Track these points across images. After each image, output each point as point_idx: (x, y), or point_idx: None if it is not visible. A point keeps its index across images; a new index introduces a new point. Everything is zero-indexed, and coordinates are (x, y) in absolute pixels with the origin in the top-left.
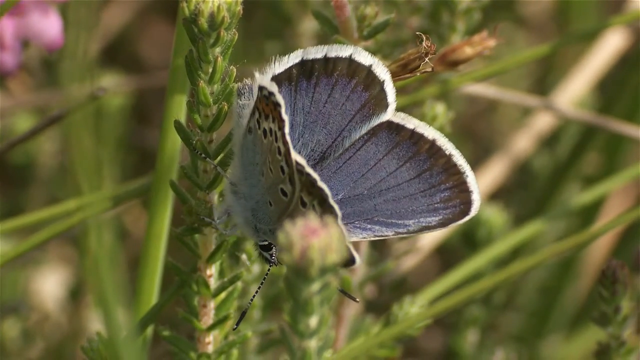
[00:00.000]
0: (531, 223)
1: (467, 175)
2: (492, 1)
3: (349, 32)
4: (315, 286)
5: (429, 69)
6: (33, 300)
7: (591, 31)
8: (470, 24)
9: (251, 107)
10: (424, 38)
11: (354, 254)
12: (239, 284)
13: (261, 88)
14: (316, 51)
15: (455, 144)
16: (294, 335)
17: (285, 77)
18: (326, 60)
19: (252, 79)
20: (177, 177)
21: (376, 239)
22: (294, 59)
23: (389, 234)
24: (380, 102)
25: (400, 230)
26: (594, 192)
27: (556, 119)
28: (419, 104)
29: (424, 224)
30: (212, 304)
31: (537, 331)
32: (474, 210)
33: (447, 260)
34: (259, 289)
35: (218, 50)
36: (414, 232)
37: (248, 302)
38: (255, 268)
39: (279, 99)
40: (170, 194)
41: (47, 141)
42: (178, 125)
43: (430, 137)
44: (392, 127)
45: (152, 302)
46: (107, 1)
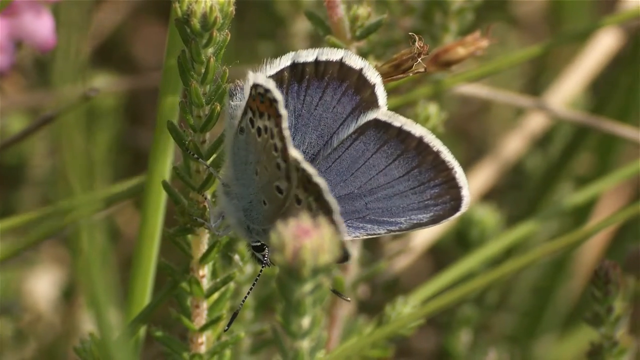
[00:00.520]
0: (524, 223)
1: (455, 172)
2: (484, 1)
3: (341, 33)
4: (308, 287)
5: (422, 70)
6: (26, 300)
7: (584, 31)
8: (463, 25)
9: (242, 107)
10: (416, 38)
11: (349, 249)
12: (231, 284)
13: (256, 86)
14: (307, 54)
15: (448, 144)
16: (286, 335)
17: (277, 80)
18: (317, 63)
19: (245, 78)
20: (169, 177)
21: (369, 237)
22: (285, 61)
23: (381, 232)
24: (371, 105)
25: (392, 228)
26: (587, 193)
27: (549, 119)
28: (411, 104)
29: (415, 221)
30: (205, 304)
31: (529, 331)
32: (464, 206)
33: (440, 260)
34: (250, 289)
35: (210, 50)
36: (405, 229)
37: (240, 303)
38: (247, 268)
39: (277, 94)
40: (163, 194)
41: (40, 142)
42: (171, 126)
43: (418, 135)
44: (379, 125)
45: (145, 302)
46: (99, 2)
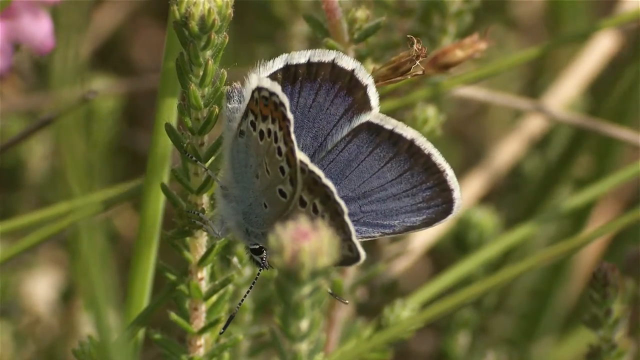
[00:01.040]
0: (522, 226)
1: (447, 174)
2: (482, 4)
3: (339, 35)
4: (306, 289)
5: (420, 72)
6: (24, 303)
7: (582, 33)
8: (461, 27)
9: (242, 110)
10: (414, 41)
11: (360, 250)
12: (230, 287)
13: (259, 89)
14: (299, 56)
15: (446, 146)
16: (284, 338)
17: None
18: (309, 65)
19: (245, 81)
20: (168, 180)
21: (363, 240)
22: (278, 63)
23: (376, 235)
24: (364, 106)
25: (386, 231)
26: (585, 195)
27: (547, 121)
28: (409, 106)
29: (408, 224)
30: (204, 307)
31: (528, 334)
32: (455, 208)
33: (439, 263)
34: (248, 292)
35: (209, 53)
36: (399, 232)
37: (237, 306)
38: (246, 271)
39: (283, 98)
40: (161, 196)
41: (38, 144)
42: (169, 128)
43: (409, 137)
44: (371, 128)
45: (143, 305)
46: (97, 4)
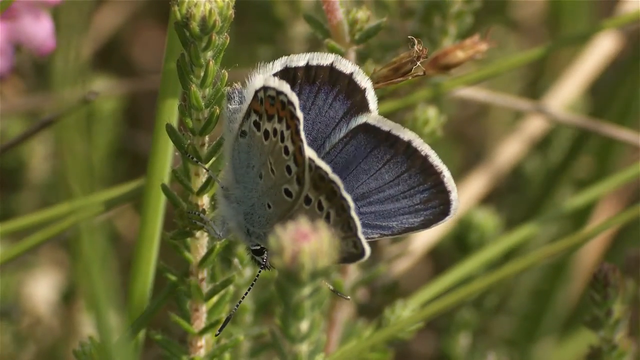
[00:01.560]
0: (523, 227)
1: (444, 176)
2: (483, 5)
3: (340, 36)
4: (306, 290)
5: (421, 73)
6: (25, 303)
7: (583, 34)
8: (462, 28)
9: (244, 110)
10: (415, 42)
11: (365, 246)
12: (231, 287)
13: (266, 89)
14: (298, 59)
15: (447, 147)
16: (285, 339)
17: None
18: (308, 68)
19: (245, 82)
20: (169, 180)
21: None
22: (277, 66)
23: (374, 236)
24: (362, 109)
25: (385, 232)
26: (586, 196)
27: (548, 122)
28: (410, 107)
29: (407, 226)
30: (204, 307)
31: (529, 334)
32: (453, 210)
33: (439, 263)
34: (246, 293)
35: (210, 54)
36: (397, 233)
37: (235, 306)
38: (247, 272)
39: (293, 97)
40: (162, 197)
41: (39, 145)
42: (170, 129)
43: (406, 139)
44: (369, 129)
45: (144, 305)
46: (98, 4)
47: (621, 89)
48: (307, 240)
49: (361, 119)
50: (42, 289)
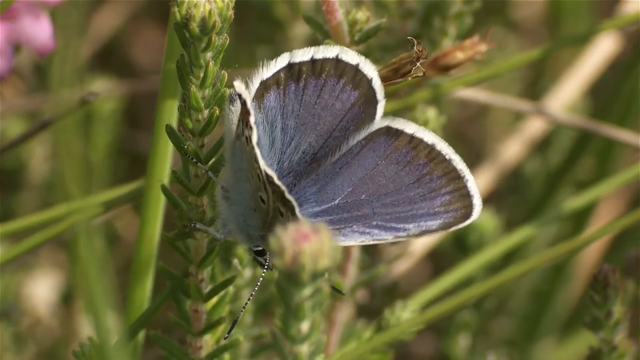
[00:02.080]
0: (523, 228)
1: (467, 180)
2: (483, 5)
3: (340, 37)
4: (307, 291)
5: (421, 74)
6: (25, 304)
7: (583, 35)
8: (462, 29)
9: (238, 113)
10: (415, 42)
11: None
12: (230, 288)
13: (239, 96)
14: (303, 53)
15: None
16: (285, 340)
17: (274, 82)
18: (313, 62)
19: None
20: (168, 181)
21: (375, 242)
22: (281, 62)
23: (389, 237)
24: (370, 100)
25: (400, 234)
26: (586, 197)
27: (548, 123)
28: (410, 108)
29: (424, 228)
30: (204, 308)
31: (528, 336)
32: (475, 214)
33: (439, 264)
34: (252, 294)
35: (209, 54)
36: (414, 235)
37: (242, 308)
38: (247, 272)
39: (249, 107)
40: (162, 198)
41: (39, 146)
42: (169, 130)
43: (430, 142)
44: (390, 132)
45: (144, 306)
46: (98, 5)
47: (621, 89)
48: (308, 241)
49: (383, 122)
50: (41, 289)
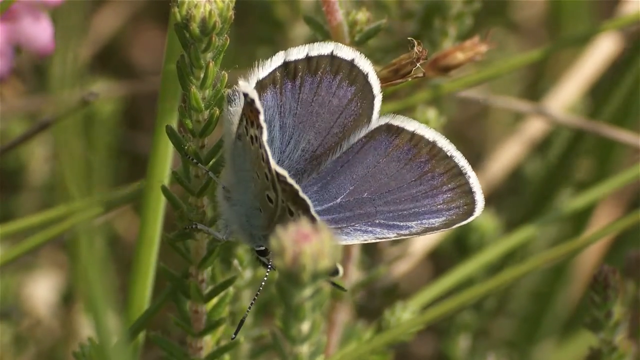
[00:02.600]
0: (523, 228)
1: (469, 177)
2: (483, 6)
3: (340, 38)
4: (307, 291)
5: (421, 74)
6: (25, 305)
7: (583, 36)
8: (462, 29)
9: (239, 113)
10: (415, 43)
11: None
12: (230, 289)
13: (245, 95)
14: (298, 52)
15: None
16: (285, 340)
17: (270, 81)
18: (308, 59)
19: (236, 86)
20: (169, 182)
21: (378, 241)
22: (276, 61)
23: (391, 235)
24: (367, 95)
25: (403, 232)
26: (586, 198)
27: (548, 124)
28: (410, 109)
29: (427, 225)
30: (204, 309)
31: (528, 336)
32: (478, 210)
33: (439, 265)
34: (257, 295)
35: (210, 55)
36: (416, 233)
37: (247, 309)
38: (247, 273)
39: (258, 106)
40: (162, 199)
41: (39, 146)
42: (170, 131)
43: (431, 139)
44: (391, 129)
45: (144, 307)
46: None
47: (621, 90)
48: (308, 241)
49: (383, 120)
50: (41, 290)
